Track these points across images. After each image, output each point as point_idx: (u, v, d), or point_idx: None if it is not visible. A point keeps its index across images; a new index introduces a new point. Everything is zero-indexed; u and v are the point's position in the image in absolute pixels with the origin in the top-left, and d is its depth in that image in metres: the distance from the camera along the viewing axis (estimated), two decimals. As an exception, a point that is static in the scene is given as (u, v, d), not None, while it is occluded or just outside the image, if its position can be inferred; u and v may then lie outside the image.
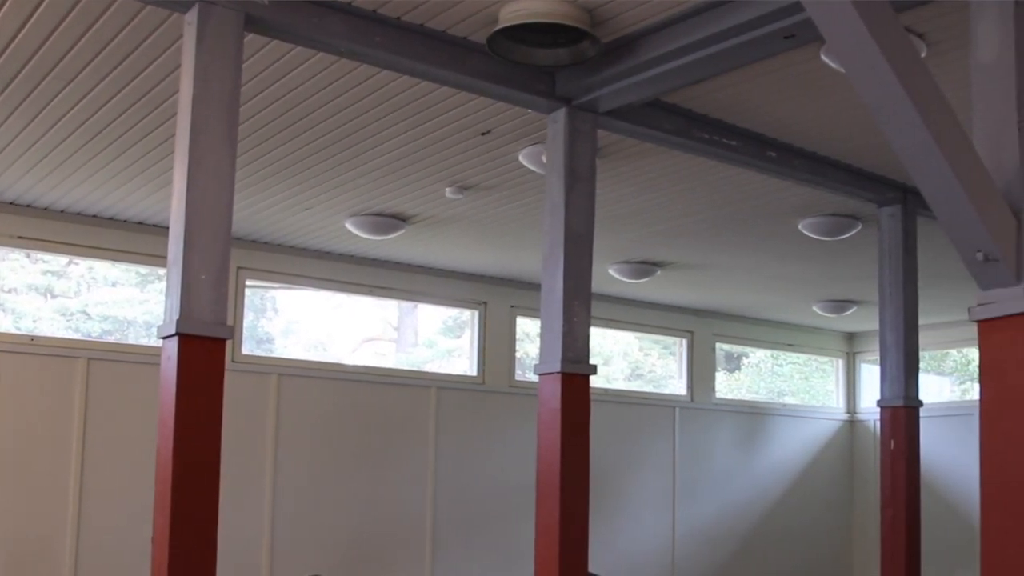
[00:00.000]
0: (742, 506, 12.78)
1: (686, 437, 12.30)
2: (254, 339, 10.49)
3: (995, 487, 3.65)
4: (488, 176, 7.18)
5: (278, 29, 4.71)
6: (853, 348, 14.23)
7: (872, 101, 3.59)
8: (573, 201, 5.49)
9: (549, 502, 5.30)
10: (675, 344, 12.74)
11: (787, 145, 6.54)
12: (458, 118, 6.11)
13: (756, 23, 4.60)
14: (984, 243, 3.61)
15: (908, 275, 7.14)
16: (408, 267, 10.16)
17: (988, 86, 3.83)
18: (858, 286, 10.62)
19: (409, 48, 4.98)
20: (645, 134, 5.98)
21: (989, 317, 3.71)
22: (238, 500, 8.81)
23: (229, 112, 4.43)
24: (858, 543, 13.80)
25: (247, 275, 9.29)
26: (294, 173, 7.19)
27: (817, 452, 13.69)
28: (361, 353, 11.78)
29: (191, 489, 4.19)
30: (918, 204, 7.19)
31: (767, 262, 9.77)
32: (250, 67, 5.29)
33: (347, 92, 5.74)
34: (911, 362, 7.12)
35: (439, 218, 8.31)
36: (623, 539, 11.57)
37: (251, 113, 6.01)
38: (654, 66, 5.08)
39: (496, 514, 10.54)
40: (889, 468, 7.00)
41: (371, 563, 9.79)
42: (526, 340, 11.53)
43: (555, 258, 5.49)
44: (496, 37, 4.82)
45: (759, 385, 14.48)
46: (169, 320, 4.30)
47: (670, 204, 7.84)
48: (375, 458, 9.88)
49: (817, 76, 5.44)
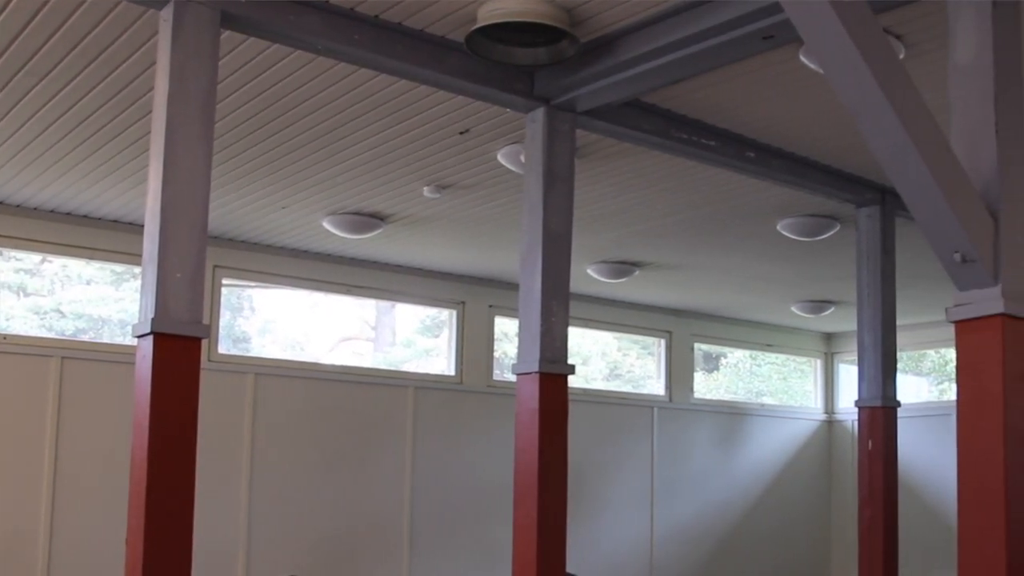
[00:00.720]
0: (720, 506, 12.81)
1: (664, 437, 12.31)
2: (230, 338, 10.43)
3: (972, 487, 3.66)
4: (466, 175, 7.16)
5: (255, 26, 4.68)
6: (831, 348, 14.28)
7: (850, 102, 3.59)
8: (551, 201, 5.48)
9: (527, 502, 5.29)
10: (654, 344, 12.75)
11: (766, 146, 6.55)
12: (436, 117, 6.09)
13: (735, 24, 4.60)
14: (961, 244, 3.62)
15: (886, 275, 7.17)
16: (386, 266, 10.12)
17: (966, 88, 3.83)
18: (836, 286, 10.66)
19: (387, 46, 4.95)
20: (624, 134, 5.98)
21: (966, 318, 3.72)
22: (214, 500, 8.75)
23: (205, 110, 4.40)
24: (836, 543, 13.85)
25: (223, 274, 9.23)
26: (271, 171, 7.15)
27: (795, 452, 13.73)
28: (338, 352, 11.74)
29: (166, 489, 4.16)
30: (896, 205, 7.21)
31: (746, 262, 9.78)
32: (226, 64, 5.25)
33: (325, 90, 5.71)
34: (889, 362, 7.14)
35: (417, 217, 8.28)
36: (602, 539, 11.57)
37: (228, 111, 5.96)
38: (633, 66, 5.07)
39: (474, 514, 10.52)
40: (867, 468, 7.02)
41: (348, 563, 9.74)
42: (504, 340, 11.52)
43: (533, 258, 5.48)
44: (475, 36, 4.80)
45: (737, 385, 14.51)
46: (144, 319, 4.27)
47: (649, 204, 7.84)
48: (352, 458, 9.84)
49: (796, 77, 5.44)
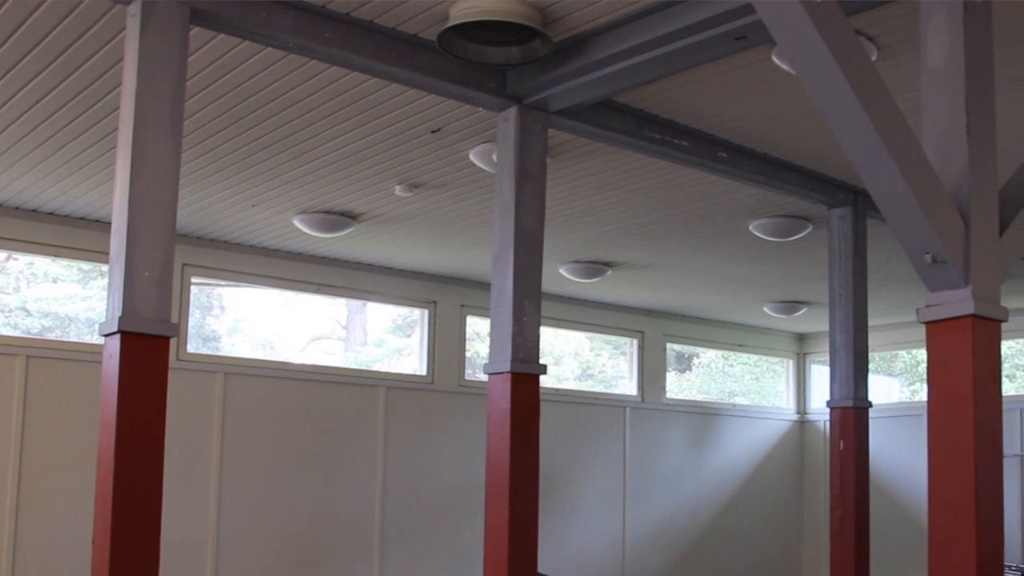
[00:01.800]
0: (692, 506, 12.84)
1: (636, 437, 12.32)
2: (200, 337, 10.36)
3: (942, 487, 3.67)
4: (438, 174, 7.13)
5: (224, 23, 4.63)
6: (803, 349, 14.35)
7: (822, 103, 3.59)
8: (523, 200, 5.47)
9: (498, 502, 5.28)
10: (626, 344, 12.76)
11: (738, 146, 6.56)
12: (408, 115, 6.05)
13: (707, 24, 4.59)
14: (932, 245, 3.63)
15: (858, 276, 7.19)
16: (357, 265, 10.08)
17: (937, 89, 3.84)
18: (808, 287, 10.70)
19: (359, 44, 4.92)
20: (596, 134, 5.96)
21: (937, 319, 3.73)
22: (182, 501, 8.70)
23: (174, 107, 4.35)
24: (808, 543, 13.91)
25: (192, 272, 9.16)
26: (241, 169, 7.10)
27: (767, 452, 13.78)
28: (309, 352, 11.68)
29: (133, 490, 4.11)
30: (868, 206, 7.24)
31: (718, 263, 9.80)
32: (196, 61, 5.21)
33: (295, 88, 5.67)
34: (860, 363, 7.17)
35: (388, 216, 8.24)
36: (573, 539, 11.57)
37: (197, 108, 5.91)
38: (605, 66, 5.06)
39: (445, 514, 10.49)
40: (838, 468, 7.04)
41: (318, 564, 9.69)
42: (476, 339, 11.50)
43: (505, 257, 5.46)
44: (447, 34, 4.78)
45: (710, 385, 14.55)
46: (111, 317, 4.22)
47: (621, 204, 7.83)
48: (323, 458, 9.79)
49: (768, 78, 5.45)
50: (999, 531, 3.65)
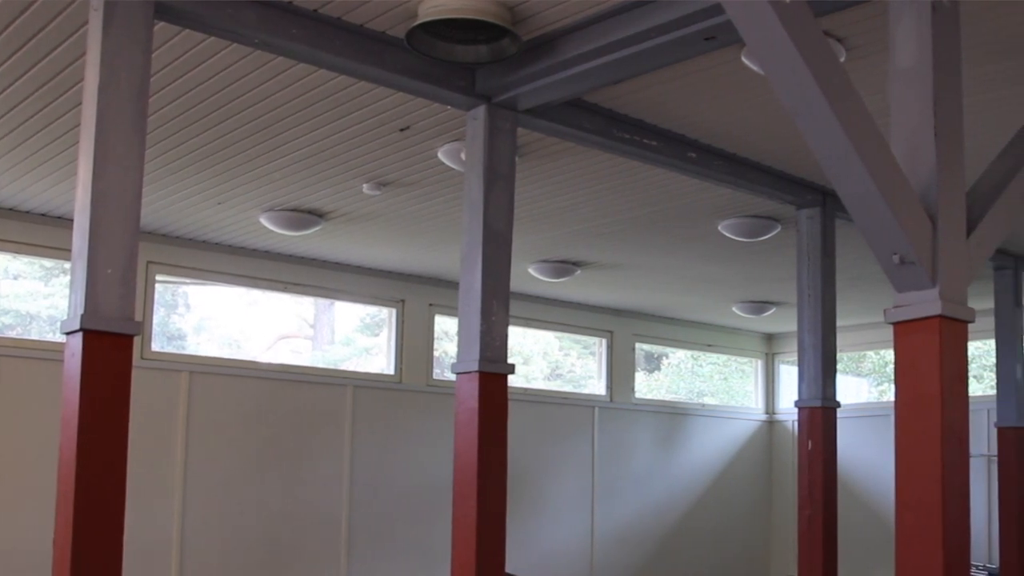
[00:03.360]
0: (661, 506, 12.86)
1: (605, 437, 12.32)
2: (165, 335, 10.26)
3: (909, 487, 3.68)
4: (407, 172, 7.09)
5: (189, 18, 4.57)
6: (772, 349, 14.40)
7: (791, 104, 3.59)
8: (492, 199, 5.45)
9: (466, 502, 5.27)
10: (595, 344, 12.76)
11: (707, 146, 6.56)
12: (376, 113, 6.02)
13: (677, 24, 4.59)
14: (900, 246, 3.64)
15: (826, 277, 7.22)
16: (325, 263, 10.01)
17: (906, 91, 3.85)
18: (777, 287, 10.73)
19: (326, 41, 4.88)
20: (565, 133, 5.95)
21: (905, 319, 3.74)
22: (146, 502, 8.62)
23: (137, 102, 4.29)
24: (776, 542, 13.97)
25: (157, 270, 9.07)
26: (207, 166, 7.03)
27: (736, 452, 13.82)
28: (276, 351, 11.60)
29: (95, 491, 4.06)
30: (837, 207, 7.25)
31: (687, 263, 9.81)
32: (160, 56, 5.14)
33: (262, 84, 5.61)
34: (829, 363, 7.19)
35: (356, 214, 8.19)
36: (542, 539, 11.55)
37: (162, 103, 5.85)
38: (575, 65, 5.04)
39: (413, 514, 10.45)
40: (807, 468, 7.07)
41: (285, 564, 9.62)
42: (444, 339, 11.46)
43: (473, 256, 5.44)
44: (415, 32, 4.74)
45: (679, 385, 14.58)
46: (73, 315, 4.17)
47: (590, 204, 7.82)
48: (290, 458, 9.72)
49: (738, 78, 5.44)
50: (966, 531, 3.66)
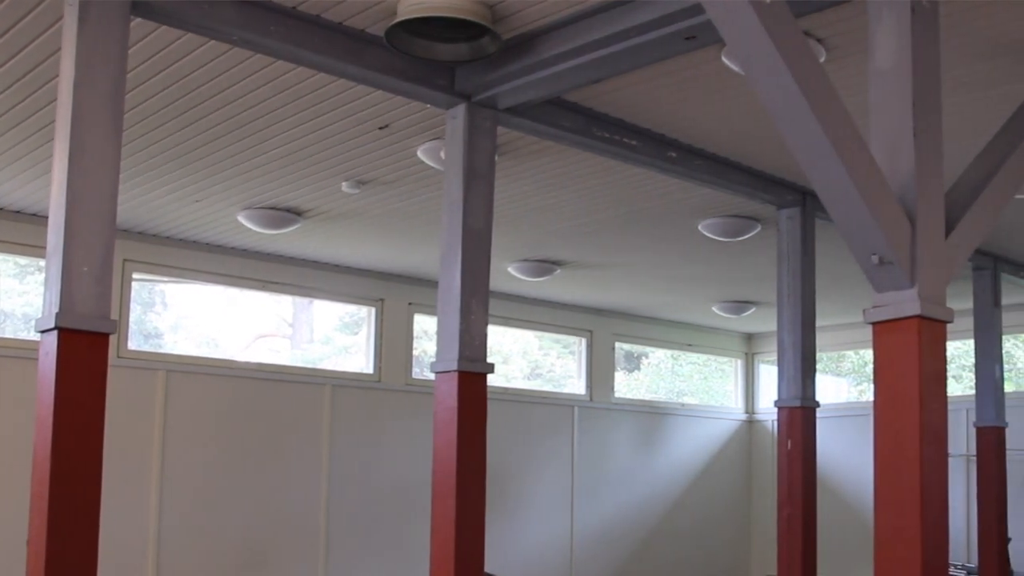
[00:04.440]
0: (641, 506, 12.87)
1: (585, 436, 12.32)
2: (141, 334, 10.19)
3: (888, 486, 3.69)
4: (386, 171, 7.06)
5: (166, 14, 4.53)
6: (752, 349, 14.44)
7: (771, 104, 3.59)
8: (471, 198, 5.43)
9: (445, 501, 5.25)
10: (575, 343, 12.75)
11: (688, 146, 6.56)
12: (356, 111, 5.99)
13: (657, 23, 4.58)
14: (879, 246, 3.64)
15: (806, 277, 7.23)
16: (303, 262, 9.97)
17: (885, 92, 3.85)
18: (757, 287, 10.75)
19: (305, 39, 4.85)
20: (545, 132, 5.94)
21: (883, 319, 3.74)
22: (122, 503, 8.55)
23: (114, 99, 4.24)
24: (756, 541, 14.00)
25: (134, 268, 9.01)
26: (185, 163, 6.98)
27: (716, 452, 13.85)
28: (254, 349, 11.53)
29: (70, 491, 4.02)
30: (816, 207, 7.27)
31: (667, 262, 9.82)
32: (137, 53, 5.10)
33: (240, 82, 5.58)
34: (808, 363, 7.20)
35: (335, 213, 8.16)
36: (521, 539, 11.54)
37: (139, 100, 5.80)
38: (555, 64, 5.03)
39: (392, 514, 10.42)
40: (786, 468, 7.08)
41: (263, 565, 9.58)
42: (424, 337, 11.43)
43: (453, 255, 5.42)
44: (395, 30, 4.72)
45: (658, 385, 14.58)
46: (48, 313, 4.12)
47: (570, 203, 7.82)
48: (268, 458, 9.67)
49: (718, 78, 5.45)
50: (944, 530, 3.67)
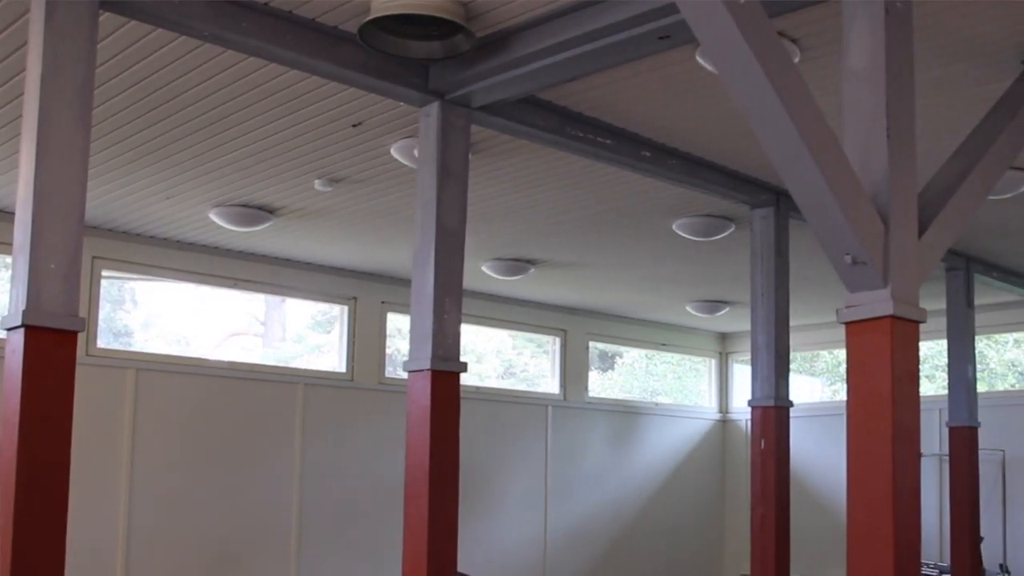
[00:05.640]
0: (615, 505, 12.87)
1: (559, 436, 12.32)
2: (111, 332, 10.10)
3: (860, 485, 3.70)
4: (359, 169, 7.03)
5: (135, 9, 4.48)
6: (726, 348, 14.47)
7: (745, 104, 3.59)
8: (445, 196, 5.41)
9: (418, 501, 5.23)
10: (548, 342, 12.74)
11: (661, 145, 6.56)
12: (329, 109, 5.95)
13: (631, 23, 4.57)
14: (852, 246, 3.65)
15: (780, 276, 7.24)
16: (275, 260, 9.91)
17: (859, 93, 3.86)
18: (731, 287, 10.78)
19: (277, 35, 4.81)
20: (519, 130, 5.92)
21: (856, 319, 3.76)
22: (90, 503, 8.48)
23: (82, 94, 4.20)
24: (729, 541, 14.04)
25: (103, 265, 8.92)
26: (155, 160, 6.92)
27: (690, 451, 13.87)
28: (226, 348, 11.46)
29: (37, 491, 3.98)
30: (790, 207, 7.28)
31: (641, 261, 9.83)
32: (106, 47, 5.05)
33: (212, 78, 5.53)
34: (782, 363, 7.22)
35: (308, 210, 8.11)
36: (494, 538, 11.53)
37: (108, 95, 5.74)
38: (529, 62, 5.02)
39: (364, 513, 10.38)
40: (760, 467, 7.09)
41: (234, 565, 9.51)
42: (397, 336, 11.40)
43: (426, 254, 5.40)
44: (368, 27, 4.69)
45: (632, 384, 14.60)
46: (14, 311, 4.08)
47: (544, 202, 7.80)
48: (239, 457, 9.61)
49: (692, 78, 5.44)
50: (916, 530, 3.68)
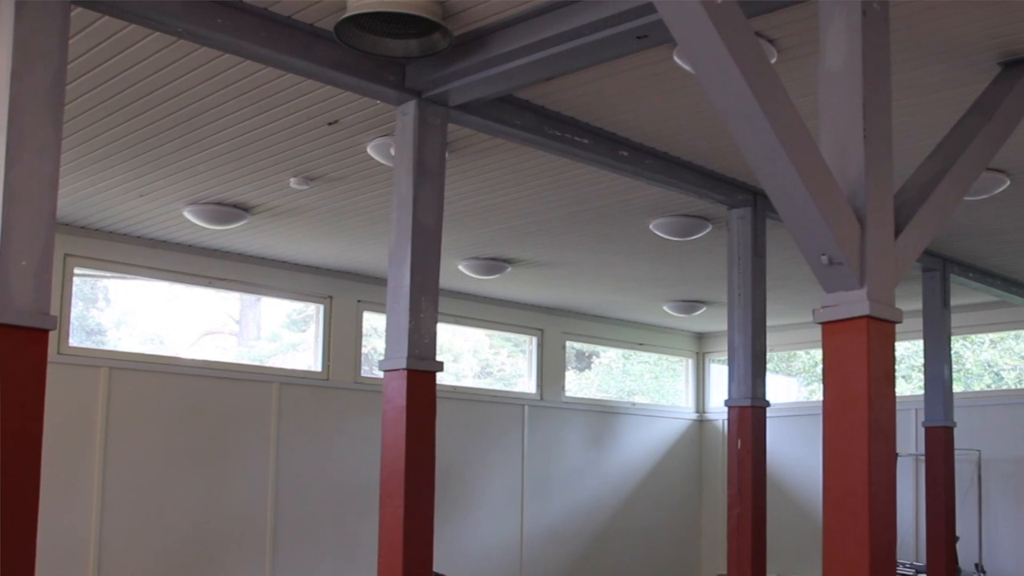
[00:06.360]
0: (591, 505, 12.87)
1: (535, 436, 12.31)
2: (84, 330, 10.02)
3: (836, 485, 3.71)
4: (335, 167, 6.99)
5: (109, 4, 4.44)
6: (703, 348, 14.49)
7: (722, 104, 3.58)
8: (422, 195, 5.39)
9: (393, 500, 5.21)
10: (525, 342, 12.73)
11: (639, 145, 6.55)
12: (305, 106, 5.92)
13: (609, 22, 4.56)
14: (828, 247, 3.65)
15: (757, 276, 7.25)
16: (251, 258, 9.85)
17: (835, 93, 3.87)
18: (708, 287, 10.79)
19: (252, 32, 4.77)
20: (496, 129, 5.90)
21: (833, 319, 3.77)
22: (62, 504, 8.43)
23: (53, 89, 4.15)
24: (706, 541, 14.07)
25: (76, 263, 8.85)
26: (128, 157, 6.87)
27: (666, 451, 13.89)
28: (200, 346, 11.39)
29: (7, 491, 3.93)
30: (767, 207, 7.30)
31: (618, 261, 9.82)
32: (79, 43, 5.01)
33: (187, 74, 5.49)
34: (758, 362, 7.23)
35: (284, 209, 8.07)
36: (471, 538, 11.50)
37: (81, 91, 5.69)
38: (506, 61, 5.00)
39: (340, 513, 10.34)
40: (736, 467, 7.09)
41: (208, 565, 9.45)
42: (373, 335, 11.35)
43: (402, 253, 5.37)
44: (345, 25, 4.66)
45: (609, 384, 14.60)
46: (-16, 308, 4.01)
47: (521, 201, 7.79)
48: (213, 456, 9.55)
49: (670, 77, 5.44)
50: (892, 529, 3.69)
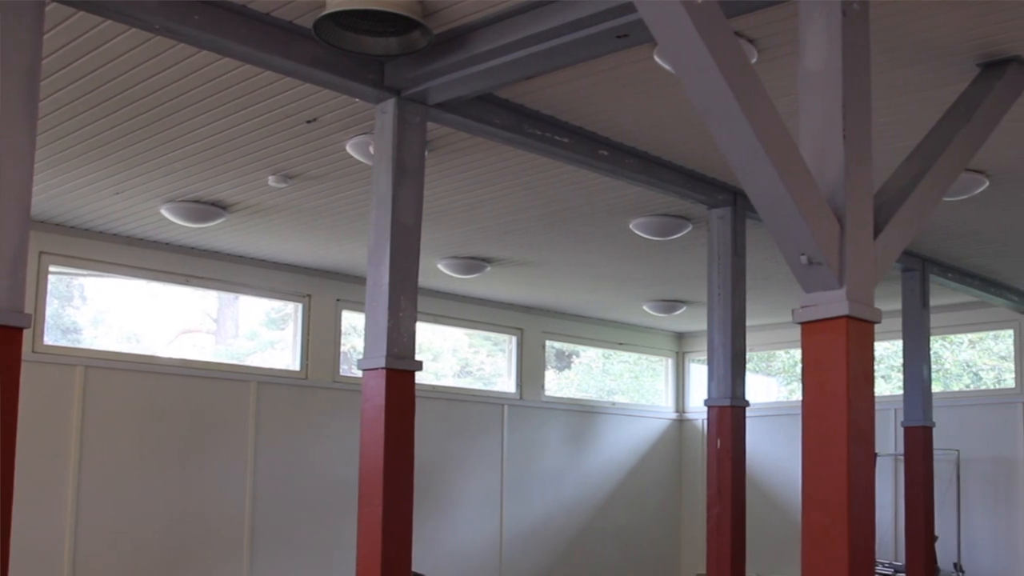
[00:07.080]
0: (571, 504, 12.87)
1: (515, 435, 12.29)
2: (59, 328, 9.94)
3: (815, 485, 3.72)
4: (314, 165, 6.96)
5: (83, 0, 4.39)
6: (683, 348, 14.51)
7: (702, 104, 3.58)
8: (401, 194, 5.37)
9: (372, 500, 5.20)
10: (505, 341, 12.71)
11: (619, 144, 6.55)
12: (283, 104, 5.89)
13: (589, 21, 4.56)
14: (808, 247, 3.66)
15: (736, 276, 7.26)
16: (229, 257, 9.79)
17: (815, 94, 3.88)
18: (688, 286, 10.80)
19: (230, 29, 4.74)
20: (476, 128, 5.88)
21: (812, 319, 3.77)
22: (36, 503, 8.37)
23: (28, 85, 4.10)
24: (685, 540, 14.09)
25: (51, 260, 8.78)
26: (105, 154, 6.82)
27: (646, 451, 13.90)
28: (178, 345, 11.32)
29: (-20, 492, 3.87)
30: (747, 207, 7.30)
31: (598, 260, 9.82)
32: (53, 39, 4.96)
33: (164, 71, 5.45)
34: (738, 362, 7.23)
35: (262, 207, 8.03)
36: (450, 538, 11.48)
37: (56, 87, 5.65)
38: (486, 60, 4.99)
39: (318, 513, 10.30)
40: (716, 466, 7.10)
41: (185, 566, 9.40)
42: (352, 334, 11.31)
43: (381, 251, 5.35)
44: (323, 22, 4.63)
45: (589, 383, 14.60)
46: (-42, 307, 3.97)
47: (501, 200, 7.77)
48: (191, 456, 9.49)
49: (650, 77, 5.43)
50: (871, 529, 3.70)
